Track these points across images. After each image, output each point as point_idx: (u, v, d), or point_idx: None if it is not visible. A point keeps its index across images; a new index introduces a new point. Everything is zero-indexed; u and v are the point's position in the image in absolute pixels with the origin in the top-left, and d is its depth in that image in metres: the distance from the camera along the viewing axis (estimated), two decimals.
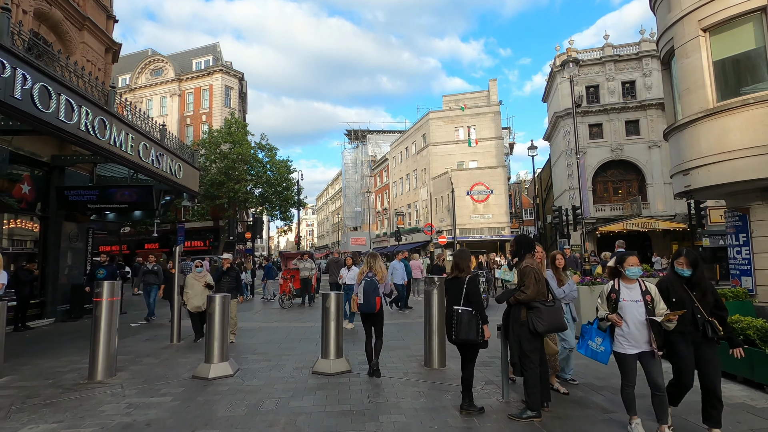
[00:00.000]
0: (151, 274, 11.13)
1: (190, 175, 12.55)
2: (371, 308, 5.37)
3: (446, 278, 4.53)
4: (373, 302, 5.35)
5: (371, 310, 5.38)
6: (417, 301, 14.70)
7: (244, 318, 11.04)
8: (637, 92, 30.05)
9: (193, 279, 7.61)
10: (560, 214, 20.49)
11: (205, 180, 31.22)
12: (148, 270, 11.19)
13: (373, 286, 5.38)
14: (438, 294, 6.06)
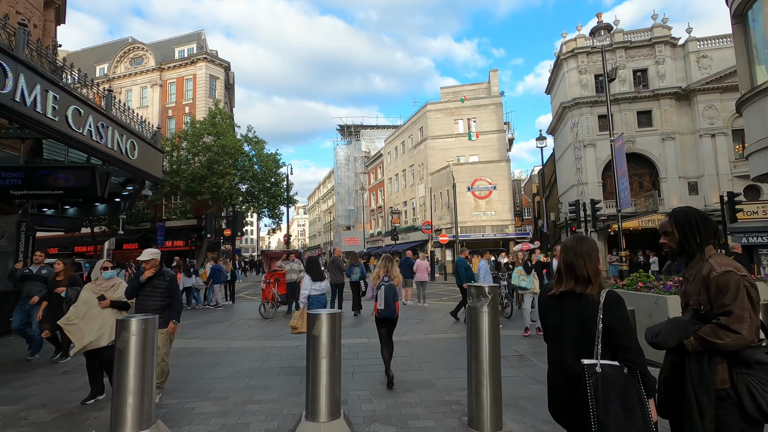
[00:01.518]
0: (33, 280, 6.92)
1: (149, 157, 10.28)
2: (392, 313, 5.27)
3: (546, 294, 2.33)
4: (393, 307, 5.24)
5: (392, 315, 5.28)
6: (424, 308, 12.55)
7: (211, 334, 8.78)
8: (649, 81, 28.24)
9: (91, 292, 4.52)
10: (577, 209, 18.48)
11: (186, 174, 28.83)
12: (27, 274, 7.03)
13: (393, 291, 5.27)
14: (490, 313, 3.88)
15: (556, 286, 2.19)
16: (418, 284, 13.61)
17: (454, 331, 8.75)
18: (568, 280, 2.13)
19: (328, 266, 13.60)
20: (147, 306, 4.46)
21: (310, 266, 6.72)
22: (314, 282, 6.48)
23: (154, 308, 4.44)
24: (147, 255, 4.68)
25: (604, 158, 28.21)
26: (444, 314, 11.32)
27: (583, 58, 28.98)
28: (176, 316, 4.72)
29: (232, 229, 15.76)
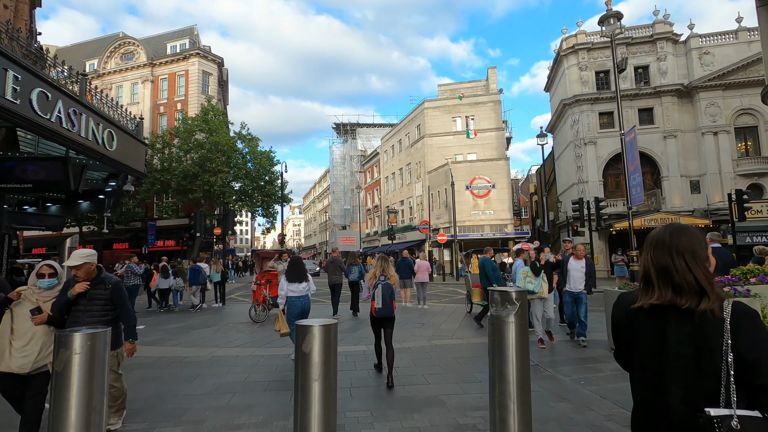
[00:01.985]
0: None
1: (130, 150, 9.54)
2: (390, 312, 5.29)
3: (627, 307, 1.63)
4: (390, 306, 5.28)
5: (390, 314, 5.31)
6: (424, 311, 11.89)
7: (195, 340, 8.07)
8: (650, 78, 27.78)
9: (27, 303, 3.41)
10: (580, 208, 17.91)
11: (177, 172, 28.01)
12: None
13: (390, 290, 5.29)
14: (518, 324, 3.22)
15: (644, 296, 1.52)
16: (418, 285, 12.96)
17: (458, 337, 8.10)
18: (663, 289, 1.46)
19: (327, 266, 12.92)
20: (82, 324, 3.37)
21: (289, 266, 6.44)
22: (291, 283, 6.18)
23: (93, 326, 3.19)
24: (77, 258, 3.54)
25: (605, 156, 27.74)
26: (446, 317, 10.67)
27: (584, 55, 28.47)
28: (131, 333, 3.80)
29: (222, 227, 15.02)
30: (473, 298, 11.22)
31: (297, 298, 6.18)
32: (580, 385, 5.07)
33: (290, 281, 6.20)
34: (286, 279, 6.24)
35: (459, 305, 13.17)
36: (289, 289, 6.19)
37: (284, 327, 6.12)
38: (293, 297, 6.17)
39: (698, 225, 24.44)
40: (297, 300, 6.19)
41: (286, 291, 6.18)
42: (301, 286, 6.20)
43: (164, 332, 9.07)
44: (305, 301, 6.26)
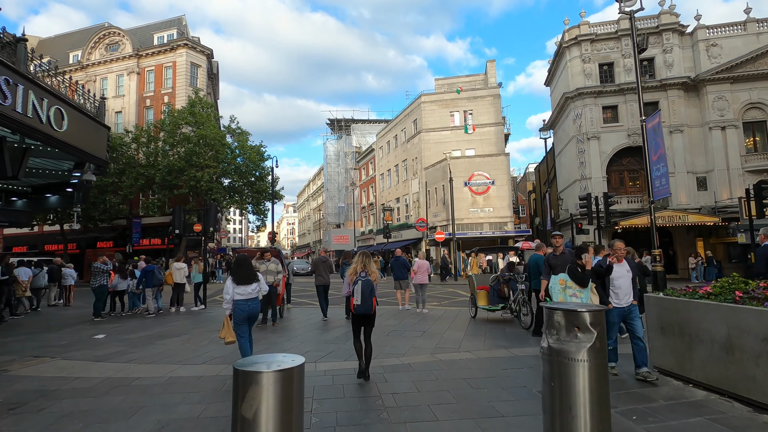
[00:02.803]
0: None
1: (88, 133, 8.30)
2: (369, 309, 5.12)
3: None
4: (370, 303, 5.11)
5: (369, 311, 5.13)
6: (423, 315, 10.74)
7: (156, 354, 6.85)
8: (656, 70, 26.81)
9: None
10: (588, 204, 16.82)
11: (162, 166, 26.67)
12: None
13: (370, 287, 5.16)
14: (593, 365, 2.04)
15: None
16: (416, 287, 11.80)
17: (466, 349, 6.95)
18: None
19: (315, 266, 11.79)
20: None
21: (234, 266, 5.90)
22: (238, 285, 5.60)
23: None
24: None
25: (609, 152, 26.76)
26: (449, 323, 9.52)
27: (587, 46, 27.43)
28: None
29: (203, 223, 13.75)
30: (478, 302, 10.09)
31: (243, 302, 5.59)
32: (632, 422, 3.94)
33: (237, 283, 5.61)
34: (232, 280, 5.67)
35: (462, 309, 12.03)
36: (236, 292, 5.60)
37: (230, 335, 5.57)
38: (240, 300, 5.59)
39: (706, 223, 23.55)
40: (243, 304, 5.58)
41: (232, 294, 5.59)
42: (249, 288, 5.65)
43: (125, 343, 7.84)
44: (253, 306, 5.69)
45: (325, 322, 10.00)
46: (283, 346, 7.39)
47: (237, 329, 5.58)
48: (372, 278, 5.22)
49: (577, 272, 5.51)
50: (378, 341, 7.66)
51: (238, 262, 5.98)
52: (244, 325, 5.67)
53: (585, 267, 5.51)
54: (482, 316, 10.44)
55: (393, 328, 9.10)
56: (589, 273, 5.45)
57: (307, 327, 9.53)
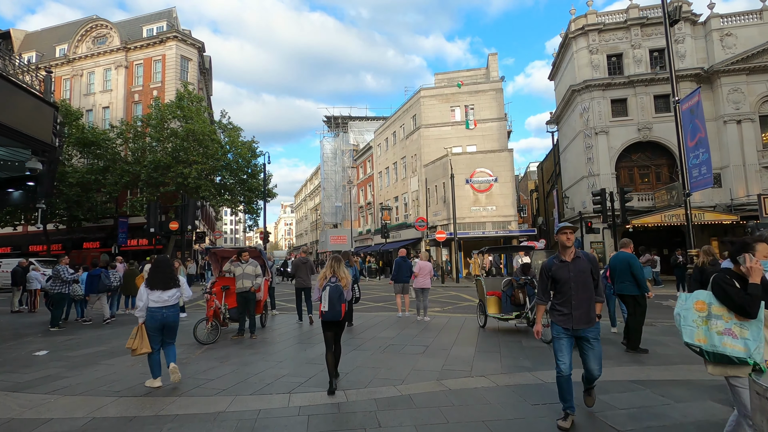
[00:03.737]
0: None
1: (24, 111, 6.95)
2: (337, 315, 4.85)
3: None
4: (338, 309, 4.85)
5: (337, 317, 4.87)
6: (425, 324, 9.38)
7: (92, 381, 5.47)
8: (667, 61, 25.50)
9: None
10: (603, 200, 15.48)
11: (147, 162, 25.29)
12: None
13: (339, 293, 4.89)
14: None
15: None
16: (417, 292, 10.46)
17: (479, 371, 5.62)
18: None
19: (296, 267, 10.50)
20: None
21: (151, 269, 5.37)
22: (152, 291, 5.13)
23: None
24: None
25: (618, 147, 25.46)
26: (455, 335, 8.18)
27: (595, 36, 26.15)
28: None
29: (180, 220, 12.38)
30: (488, 309, 8.76)
31: (157, 310, 5.10)
32: None
33: (151, 288, 5.14)
34: (145, 285, 5.19)
35: (468, 316, 10.70)
36: (150, 299, 5.12)
37: (144, 345, 4.99)
38: (153, 308, 5.10)
39: (723, 221, 22.28)
40: (156, 312, 5.09)
41: (146, 301, 5.12)
42: (166, 295, 5.16)
43: (65, 363, 6.49)
44: (169, 314, 5.17)
45: (306, 333, 8.66)
46: (255, 367, 6.04)
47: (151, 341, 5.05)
48: (342, 284, 4.96)
49: (733, 290, 2.70)
50: (372, 360, 6.31)
51: (156, 264, 5.43)
52: (156, 337, 5.11)
53: (750, 279, 2.69)
54: (492, 325, 9.12)
55: (390, 341, 7.75)
56: (758, 291, 2.64)
57: (290, 340, 8.18)
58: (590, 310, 3.81)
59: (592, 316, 3.81)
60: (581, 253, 3.96)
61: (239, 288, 8.21)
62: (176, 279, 5.36)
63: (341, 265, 5.15)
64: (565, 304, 3.80)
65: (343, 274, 5.06)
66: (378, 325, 9.55)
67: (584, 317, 3.77)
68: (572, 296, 3.78)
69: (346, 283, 5.04)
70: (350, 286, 5.38)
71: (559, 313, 3.85)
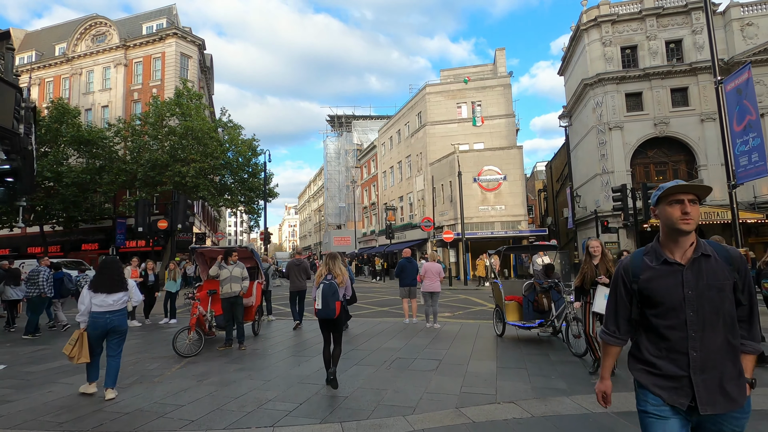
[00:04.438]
0: None
1: None
2: (330, 313, 4.74)
3: None
4: (332, 307, 4.74)
5: (330, 315, 4.76)
6: (435, 332, 8.38)
7: (30, 408, 4.53)
8: (684, 53, 24.41)
9: None
10: (624, 196, 14.39)
11: (144, 161, 24.50)
12: None
13: (333, 290, 4.78)
14: None
15: None
16: (426, 296, 9.48)
17: (508, 394, 4.64)
18: None
19: (289, 270, 9.63)
20: None
21: (98, 271, 5.14)
22: (96, 294, 4.80)
23: None
24: None
25: (634, 143, 24.34)
26: (470, 345, 7.20)
27: (608, 28, 25.08)
28: None
29: (171, 219, 11.49)
30: (507, 316, 7.77)
31: (100, 315, 4.75)
32: None
33: (95, 290, 4.81)
34: (89, 287, 4.86)
35: (482, 323, 9.70)
36: (94, 303, 4.78)
37: (83, 355, 4.67)
38: (96, 313, 4.77)
39: (747, 220, 21.11)
40: (99, 317, 4.74)
41: (88, 305, 4.78)
42: (111, 299, 4.82)
43: (18, 381, 5.57)
44: (113, 319, 4.80)
45: (302, 343, 7.71)
46: (237, 387, 5.08)
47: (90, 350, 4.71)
48: (337, 281, 4.87)
49: None
50: (376, 379, 5.33)
51: (102, 265, 5.13)
52: (97, 346, 4.79)
53: None
54: (510, 334, 8.13)
55: (397, 353, 6.78)
56: None
57: (283, 352, 7.22)
58: (731, 370, 1.79)
59: (735, 386, 1.78)
60: (710, 246, 1.91)
61: (225, 293, 7.27)
62: (124, 282, 5.02)
63: (336, 262, 4.95)
64: (672, 356, 1.83)
65: (338, 271, 4.90)
66: (383, 333, 8.58)
67: (716, 388, 1.77)
68: (690, 338, 1.79)
69: (342, 281, 4.87)
70: (348, 284, 5.15)
71: (653, 372, 1.87)
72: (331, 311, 4.72)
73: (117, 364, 4.83)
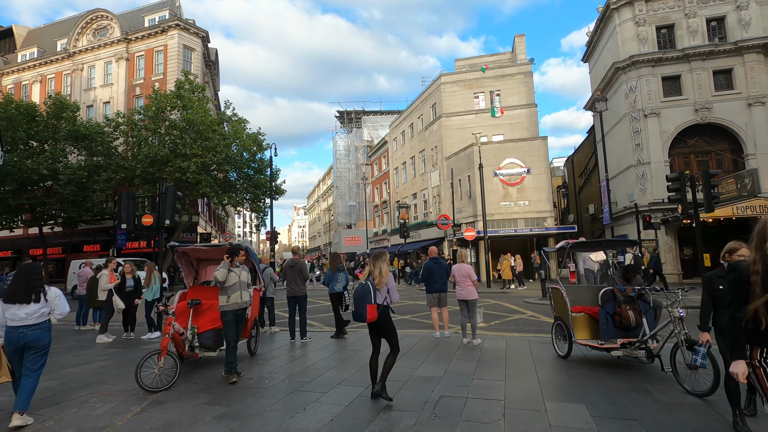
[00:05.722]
0: None
1: None
2: (360, 317, 4.41)
3: None
4: (361, 311, 4.36)
5: (360, 319, 4.43)
6: (478, 353, 6.53)
7: None
8: (728, 31, 22.21)
9: None
10: (681, 185, 12.33)
11: (142, 156, 23.08)
12: None
13: (364, 292, 4.37)
14: None
15: None
16: (462, 304, 7.67)
17: None
18: None
19: (284, 272, 8.05)
20: None
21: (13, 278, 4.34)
22: (9, 304, 4.09)
23: None
24: None
25: (672, 130, 22.21)
26: (532, 373, 5.38)
27: (641, 6, 22.98)
28: None
29: (157, 213, 9.87)
30: (576, 333, 5.94)
31: (13, 329, 4.05)
32: None
33: (6, 301, 4.09)
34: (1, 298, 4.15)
35: (529, 336, 7.86)
36: (6, 316, 4.07)
37: (3, 373, 4.12)
38: (10, 327, 4.06)
39: None
40: (13, 332, 4.05)
41: (1, 318, 4.10)
42: (24, 311, 4.06)
43: None
44: (27, 334, 4.06)
45: (308, 369, 5.96)
46: None
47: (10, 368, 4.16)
48: (376, 282, 4.44)
49: None
50: None
51: (18, 272, 4.37)
52: (17, 363, 4.14)
53: None
54: (577, 354, 6.31)
55: (438, 386, 4.98)
56: None
57: (284, 384, 5.44)
58: None
59: None
60: None
61: (234, 303, 5.52)
62: (40, 291, 4.20)
63: (377, 262, 4.58)
64: None
65: (378, 272, 4.53)
66: (411, 353, 6.80)
67: None
68: None
69: (378, 282, 4.47)
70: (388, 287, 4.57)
71: None
72: (362, 315, 4.34)
73: (32, 385, 4.07)
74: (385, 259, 4.63)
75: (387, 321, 4.50)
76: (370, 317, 4.33)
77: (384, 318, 4.49)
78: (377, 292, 4.43)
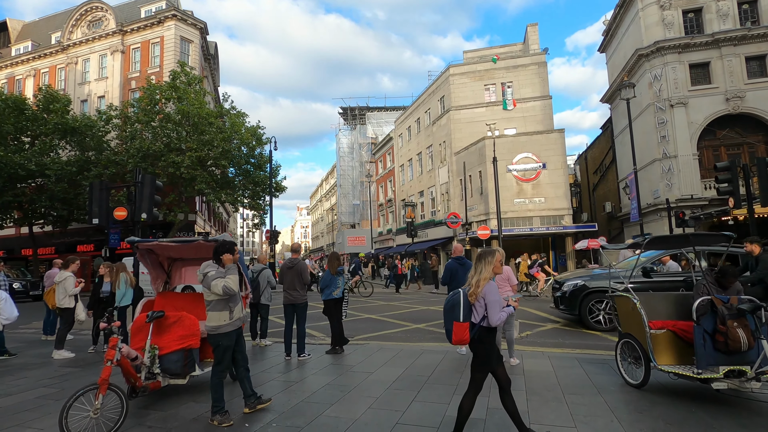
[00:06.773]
0: None
1: None
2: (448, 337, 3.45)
3: None
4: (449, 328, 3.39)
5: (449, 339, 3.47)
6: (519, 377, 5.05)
7: None
8: (761, 15, 20.68)
9: None
10: (734, 176, 10.80)
11: (134, 150, 21.76)
12: None
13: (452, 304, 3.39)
14: None
15: None
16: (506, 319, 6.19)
17: None
18: None
19: (282, 275, 6.64)
20: None
21: None
22: None
23: None
24: None
25: (701, 121, 20.67)
26: (602, 404, 3.91)
27: None
28: None
29: (131, 208, 8.50)
30: (657, 357, 4.49)
31: None
32: None
33: None
34: None
35: (576, 354, 6.38)
36: None
37: None
38: None
39: None
40: None
41: None
42: None
43: None
44: None
45: (304, 401, 4.52)
46: None
47: None
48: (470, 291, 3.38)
49: None
50: None
51: None
52: None
53: None
54: (657, 382, 4.85)
55: None
56: None
57: (274, 430, 4.01)
58: None
59: None
60: None
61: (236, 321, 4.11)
62: None
63: (479, 264, 3.40)
64: None
65: (474, 280, 3.36)
66: (436, 378, 5.36)
67: None
68: None
69: (473, 292, 3.32)
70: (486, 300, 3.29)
71: None
72: (448, 333, 3.40)
73: None
74: (490, 260, 3.39)
75: (479, 345, 3.35)
76: (457, 339, 3.34)
77: (479, 341, 3.33)
78: (473, 306, 3.34)
